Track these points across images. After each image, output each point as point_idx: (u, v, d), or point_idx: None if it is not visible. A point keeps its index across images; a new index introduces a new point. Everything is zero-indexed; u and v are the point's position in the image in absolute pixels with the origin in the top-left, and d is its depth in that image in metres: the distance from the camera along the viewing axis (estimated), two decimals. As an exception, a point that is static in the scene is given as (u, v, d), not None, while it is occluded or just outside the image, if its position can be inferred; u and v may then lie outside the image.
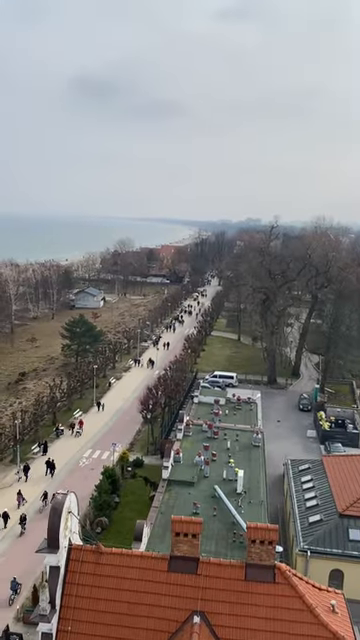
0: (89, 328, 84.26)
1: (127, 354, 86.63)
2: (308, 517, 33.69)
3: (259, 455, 40.10)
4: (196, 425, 44.08)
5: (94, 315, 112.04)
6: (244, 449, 40.70)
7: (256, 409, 52.37)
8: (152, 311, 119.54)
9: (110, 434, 53.65)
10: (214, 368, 76.93)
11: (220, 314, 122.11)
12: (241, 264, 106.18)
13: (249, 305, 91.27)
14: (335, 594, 19.12)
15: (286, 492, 40.58)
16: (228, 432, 43.18)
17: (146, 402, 52.39)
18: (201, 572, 17.98)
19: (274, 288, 77.42)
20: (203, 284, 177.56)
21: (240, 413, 50.03)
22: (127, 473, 45.31)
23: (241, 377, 73.48)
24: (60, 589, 17.75)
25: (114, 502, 39.78)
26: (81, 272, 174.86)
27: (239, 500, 32.62)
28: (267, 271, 79.28)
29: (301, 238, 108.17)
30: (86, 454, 49.35)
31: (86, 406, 61.81)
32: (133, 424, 56.47)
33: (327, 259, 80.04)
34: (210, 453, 38.22)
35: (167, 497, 33.16)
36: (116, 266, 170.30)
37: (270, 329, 75.62)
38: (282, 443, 52.11)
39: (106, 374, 74.50)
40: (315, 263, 79.87)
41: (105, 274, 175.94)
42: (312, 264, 79.67)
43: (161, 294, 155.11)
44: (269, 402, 64.40)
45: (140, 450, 50.65)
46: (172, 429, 50.86)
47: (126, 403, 62.99)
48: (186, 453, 38.27)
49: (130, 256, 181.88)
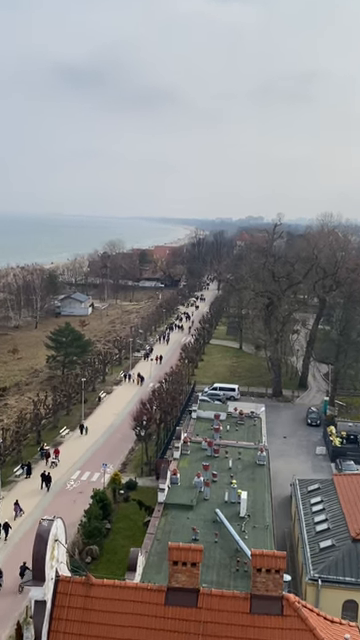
0: (76, 337, 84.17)
1: (118, 365, 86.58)
2: (318, 542, 33.61)
3: (264, 475, 40.02)
4: (194, 443, 44.05)
5: (82, 323, 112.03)
6: (247, 468, 40.67)
7: (260, 424, 52.33)
8: (145, 318, 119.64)
9: (100, 454, 53.50)
10: (214, 380, 76.93)
11: (220, 320, 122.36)
12: (242, 266, 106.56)
13: (251, 310, 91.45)
14: (349, 627, 19.05)
15: (294, 515, 40.52)
16: (230, 450, 43.10)
17: (139, 418, 52.32)
18: (202, 605, 17.89)
19: (278, 292, 77.66)
20: (201, 288, 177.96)
21: (243, 429, 50.01)
22: (119, 496, 45.21)
23: (243, 389, 73.54)
24: (46, 626, 17.62)
25: (105, 529, 39.69)
26: (67, 276, 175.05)
27: (242, 525, 32.54)
28: (270, 273, 79.53)
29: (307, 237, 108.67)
30: (74, 476, 49.22)
31: (74, 423, 61.65)
32: (125, 442, 56.36)
33: (335, 259, 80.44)
34: (210, 473, 38.14)
35: (163, 522, 33.06)
36: (105, 269, 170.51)
37: (274, 336, 75.74)
38: (289, 461, 52.14)
39: (95, 388, 74.40)
40: (322, 264, 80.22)
41: (93, 278, 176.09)
42: (319, 265, 80.00)
43: (155, 299, 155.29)
44: (274, 416, 64.43)
45: (133, 471, 50.56)
46: (168, 447, 50.73)
47: (117, 419, 62.96)
48: (184, 474, 38.21)
49: (120, 258, 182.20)
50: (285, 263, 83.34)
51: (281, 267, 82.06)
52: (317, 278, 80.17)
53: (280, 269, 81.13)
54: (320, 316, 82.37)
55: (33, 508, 43.26)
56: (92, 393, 72.03)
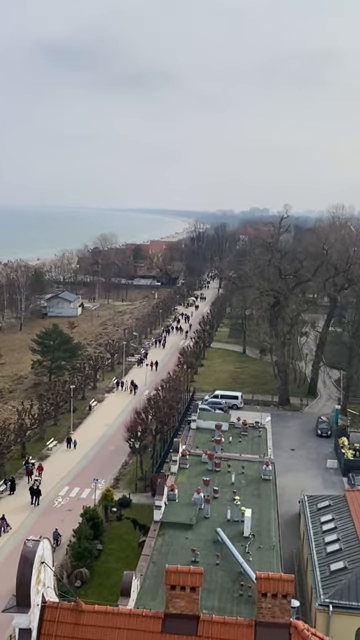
0: (65, 340, 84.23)
1: (111, 371, 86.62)
2: (329, 564, 33.62)
3: (270, 491, 40.10)
4: (194, 455, 44.16)
5: (70, 325, 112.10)
6: (252, 484, 40.74)
7: (265, 435, 52.45)
8: (140, 319, 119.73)
9: (91, 468, 53.50)
10: (215, 387, 77.02)
11: (221, 322, 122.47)
12: (246, 262, 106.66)
13: (256, 311, 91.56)
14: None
15: (303, 535, 40.55)
16: (232, 463, 43.21)
17: (134, 429, 52.35)
18: (202, 633, 17.86)
19: (285, 290, 77.76)
20: (201, 286, 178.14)
21: (246, 440, 50.13)
22: (111, 514, 45.25)
23: (247, 397, 73.64)
24: (32, 656, 17.55)
25: (96, 550, 39.71)
26: (54, 274, 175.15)
27: (246, 545, 32.61)
28: (277, 270, 79.62)
29: (316, 231, 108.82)
30: (62, 492, 49.23)
31: (62, 434, 61.63)
32: (118, 455, 56.35)
33: (348, 255, 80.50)
34: (211, 489, 38.22)
35: (160, 543, 33.10)
36: (96, 266, 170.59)
37: (281, 339, 75.83)
38: (297, 476, 52.25)
39: (85, 396, 74.42)
40: (333, 260, 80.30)
41: (83, 276, 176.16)
42: (330, 261, 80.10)
43: (151, 299, 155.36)
44: (281, 427, 64.55)
45: (127, 487, 50.58)
46: (165, 461, 50.86)
47: (110, 430, 63.01)
48: (182, 489, 38.28)
49: (113, 254, 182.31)
50: (293, 259, 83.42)
51: (288, 263, 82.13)
52: (328, 275, 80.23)
53: (287, 266, 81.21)
54: (331, 317, 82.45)
55: (20, 525, 43.39)
56: (82, 401, 72.00)
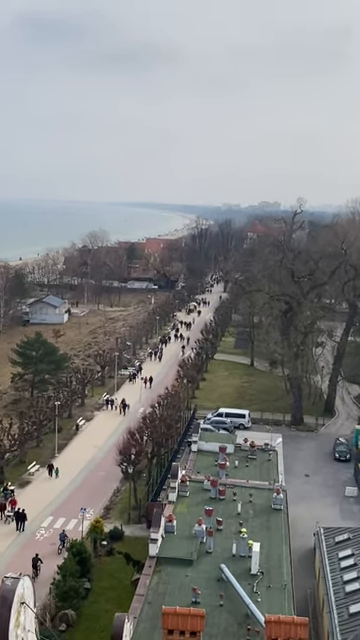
0: (49, 351, 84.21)
1: (101, 386, 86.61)
2: (348, 606, 33.59)
3: (281, 522, 40.08)
4: (195, 482, 44.15)
5: (56, 333, 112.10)
6: (261, 514, 40.74)
7: (276, 459, 52.48)
8: (134, 327, 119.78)
9: (78, 495, 53.40)
10: (218, 404, 77.07)
11: (226, 330, 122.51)
12: (254, 263, 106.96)
13: (265, 318, 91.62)
14: None
15: (318, 572, 40.53)
16: (239, 491, 43.20)
17: (126, 451, 52.38)
18: None
19: (298, 295, 77.85)
20: (203, 290, 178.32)
21: (255, 465, 50.15)
22: (101, 549, 45.22)
23: (255, 416, 73.67)
24: None
25: (84, 589, 39.63)
26: (38, 275, 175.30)
27: (254, 584, 32.54)
28: (289, 272, 79.75)
29: (334, 228, 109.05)
30: (45, 523, 49.17)
31: (45, 457, 61.60)
32: (109, 482, 56.33)
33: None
34: (214, 520, 38.20)
35: (156, 581, 33.03)
36: (85, 267, 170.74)
37: (294, 350, 75.86)
38: (312, 505, 52.26)
39: (72, 414, 74.42)
40: (353, 261, 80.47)
41: (70, 278, 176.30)
42: (349, 262, 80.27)
43: (146, 304, 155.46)
44: (294, 449, 64.61)
45: (119, 517, 50.54)
46: (162, 488, 50.82)
47: (100, 453, 63.00)
48: (182, 520, 38.26)
49: (104, 253, 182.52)
50: (307, 260, 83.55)
51: (302, 265, 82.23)
52: (347, 278, 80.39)
53: (301, 267, 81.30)
54: (350, 325, 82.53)
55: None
56: (68, 420, 71.95)
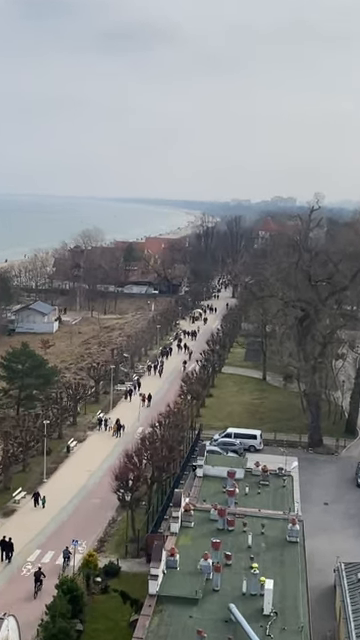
0: (37, 364, 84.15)
1: (95, 403, 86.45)
2: (374, 652, 33.21)
3: (297, 556, 40.03)
4: (200, 511, 44.17)
5: (44, 344, 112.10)
6: (274, 547, 40.69)
7: (291, 486, 52.45)
8: (132, 337, 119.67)
9: (69, 526, 53.28)
10: (227, 423, 76.99)
11: (235, 340, 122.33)
12: (266, 266, 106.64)
13: (279, 327, 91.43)
14: None
15: (339, 613, 40.37)
16: (249, 521, 43.20)
17: (123, 476, 52.24)
18: None
19: (316, 301, 77.70)
20: (209, 296, 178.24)
21: (267, 492, 50.15)
22: (95, 586, 45.12)
23: (268, 436, 73.57)
24: None
25: (75, 631, 39.45)
26: (25, 279, 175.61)
27: (267, 626, 32.53)
28: (305, 276, 79.61)
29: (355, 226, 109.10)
30: (32, 557, 48.99)
31: (32, 482, 61.46)
32: (104, 510, 56.26)
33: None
34: (222, 554, 38.20)
35: (157, 622, 32.94)
36: (77, 270, 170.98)
37: (311, 363, 75.61)
38: (332, 537, 52.06)
39: (63, 434, 74.32)
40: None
41: (61, 282, 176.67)
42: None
43: (146, 311, 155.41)
44: (311, 474, 64.47)
45: (115, 551, 50.43)
46: (163, 518, 50.84)
47: (93, 478, 62.89)
48: (185, 554, 38.19)
49: (98, 255, 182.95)
50: (326, 262, 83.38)
51: (320, 267, 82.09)
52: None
53: (319, 270, 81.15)
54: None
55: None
56: (58, 441, 71.86)
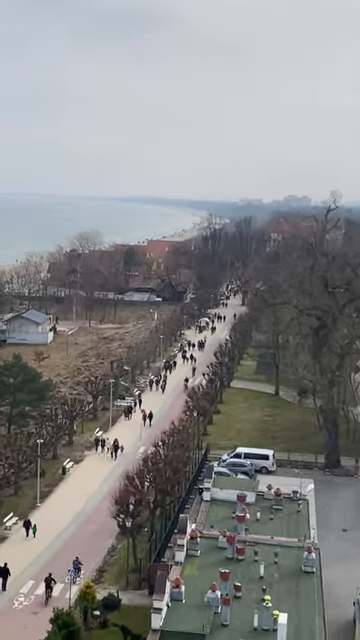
0: (30, 377, 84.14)
1: (93, 420, 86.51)
2: None
3: (313, 588, 39.96)
4: (207, 538, 44.12)
5: (38, 356, 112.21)
6: (288, 578, 40.64)
7: (307, 510, 52.43)
8: (133, 349, 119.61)
9: (64, 555, 53.16)
10: (236, 442, 77.00)
11: (245, 352, 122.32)
12: (279, 271, 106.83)
13: (293, 337, 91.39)
14: None
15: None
16: (261, 549, 43.08)
17: (124, 500, 52.23)
18: None
19: (333, 309, 77.68)
20: (217, 303, 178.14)
21: (281, 517, 50.07)
22: (93, 620, 44.99)
23: (281, 457, 73.50)
24: None
25: (72, 670, 39.38)
26: (17, 286, 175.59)
27: (281, 664, 32.39)
28: (322, 281, 79.63)
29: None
30: (24, 588, 49.01)
31: (25, 507, 61.53)
32: (102, 538, 56.22)
33: None
34: (231, 585, 38.14)
35: (160, 660, 32.90)
36: (74, 275, 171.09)
37: (328, 376, 75.58)
38: (351, 567, 51.78)
39: (58, 454, 74.34)
40: None
41: (56, 288, 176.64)
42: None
43: (148, 320, 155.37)
44: (329, 498, 64.41)
45: (114, 581, 50.36)
46: (167, 545, 50.63)
47: (91, 502, 62.96)
48: (191, 585, 38.19)
49: (97, 259, 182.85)
50: (344, 266, 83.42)
51: (338, 272, 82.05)
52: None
53: (336, 275, 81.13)
54: None
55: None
56: (53, 462, 71.86)
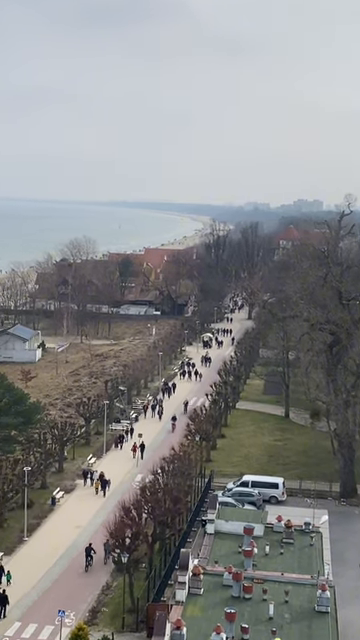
0: (16, 399, 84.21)
1: (85, 445, 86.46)
2: None
3: (327, 629, 40.06)
4: (211, 575, 44.18)
5: (25, 375, 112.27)
6: (300, 619, 40.76)
7: (321, 544, 52.42)
8: (130, 367, 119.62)
9: (55, 594, 53.35)
10: (243, 469, 77.10)
11: (252, 370, 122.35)
12: (289, 281, 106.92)
13: (304, 354, 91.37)
14: None
15: None
16: (271, 587, 43.18)
17: (120, 534, 52.28)
18: None
19: (348, 323, 77.79)
20: (221, 317, 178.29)
21: (292, 552, 50.16)
22: (86, 666, 44.79)
23: (292, 485, 73.54)
24: None
25: None
26: (2, 299, 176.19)
27: None
28: (335, 293, 79.74)
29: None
30: (10, 631, 49.08)
31: (11, 541, 61.55)
32: (96, 575, 56.33)
33: None
34: (238, 627, 38.28)
35: None
36: (65, 287, 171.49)
37: (343, 397, 75.55)
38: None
39: (47, 483, 74.34)
40: None
41: (45, 301, 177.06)
42: None
43: (146, 335, 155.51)
44: (344, 531, 64.41)
45: (109, 623, 50.36)
46: (167, 583, 50.83)
47: (83, 535, 62.93)
48: (194, 627, 38.27)
49: (90, 269, 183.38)
50: (359, 276, 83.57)
51: (353, 283, 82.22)
52: None
53: (351, 286, 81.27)
54: None
55: None
56: (41, 491, 71.91)
